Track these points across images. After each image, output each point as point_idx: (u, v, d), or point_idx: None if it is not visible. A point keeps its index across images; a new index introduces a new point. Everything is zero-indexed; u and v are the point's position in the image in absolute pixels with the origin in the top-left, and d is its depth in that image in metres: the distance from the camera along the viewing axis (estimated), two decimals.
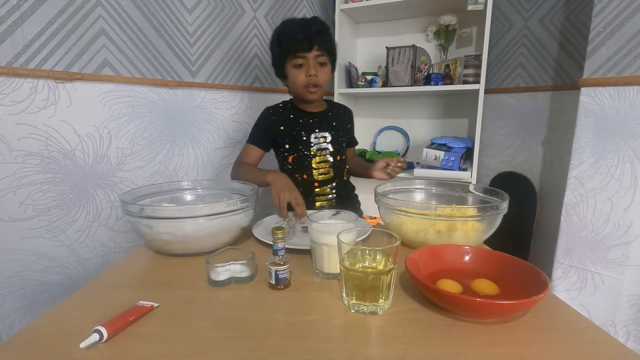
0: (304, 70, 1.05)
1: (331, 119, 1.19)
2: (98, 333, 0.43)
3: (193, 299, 0.56)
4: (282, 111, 1.17)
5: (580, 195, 1.18)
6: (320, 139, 1.15)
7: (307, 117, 1.16)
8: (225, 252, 0.65)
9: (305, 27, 1.03)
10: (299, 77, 1.06)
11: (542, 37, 1.59)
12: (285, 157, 1.16)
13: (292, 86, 1.11)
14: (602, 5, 1.08)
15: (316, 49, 1.03)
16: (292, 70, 1.07)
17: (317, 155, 1.14)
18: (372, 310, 0.51)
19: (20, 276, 1.05)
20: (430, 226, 0.74)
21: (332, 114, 1.22)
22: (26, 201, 1.03)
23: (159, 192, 0.86)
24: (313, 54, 1.03)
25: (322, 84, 1.08)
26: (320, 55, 1.05)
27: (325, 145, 1.15)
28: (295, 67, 1.06)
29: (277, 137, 1.15)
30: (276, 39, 1.08)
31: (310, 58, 1.04)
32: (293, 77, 1.07)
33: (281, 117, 1.15)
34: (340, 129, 1.20)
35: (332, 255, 0.60)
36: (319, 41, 1.03)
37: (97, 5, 1.11)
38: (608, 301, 1.17)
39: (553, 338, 0.46)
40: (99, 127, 1.16)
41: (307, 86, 1.07)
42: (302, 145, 1.13)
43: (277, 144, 1.17)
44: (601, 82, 1.10)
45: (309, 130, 1.14)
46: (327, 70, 1.09)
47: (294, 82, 1.08)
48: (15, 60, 0.98)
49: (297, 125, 1.14)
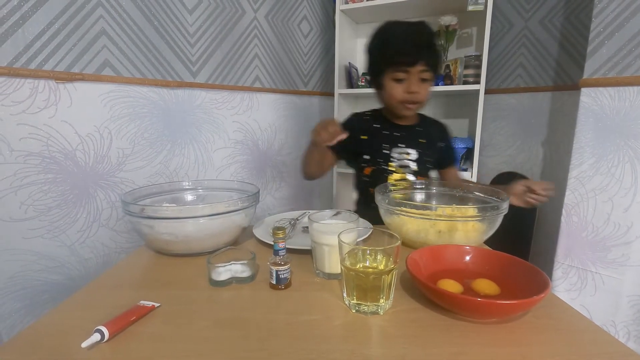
0: (403, 86, 0.96)
1: (419, 135, 1.08)
2: (99, 333, 0.43)
3: (194, 299, 0.56)
4: (368, 120, 1.10)
5: (580, 195, 1.18)
6: (403, 155, 1.05)
7: (393, 129, 1.07)
8: (226, 252, 0.65)
9: (414, 37, 0.92)
10: (397, 92, 0.97)
11: (542, 37, 1.59)
12: (362, 169, 1.09)
13: (388, 99, 1.02)
14: (602, 6, 1.08)
15: (421, 64, 0.93)
16: (390, 83, 0.97)
17: (397, 172, 1.05)
18: (373, 310, 0.51)
19: (21, 276, 1.05)
20: (431, 226, 0.74)
21: (422, 129, 1.10)
22: (27, 201, 1.03)
23: (160, 192, 0.86)
24: (417, 69, 0.93)
25: (422, 101, 0.99)
26: (424, 71, 0.94)
27: (407, 163, 1.05)
28: (395, 80, 0.96)
29: (357, 146, 1.08)
30: (378, 44, 0.98)
31: (413, 73, 0.94)
32: (390, 91, 0.98)
33: (365, 126, 1.09)
34: (428, 147, 1.08)
35: (333, 255, 0.60)
36: (427, 56, 0.92)
37: (98, 6, 1.11)
38: (608, 301, 1.17)
39: (553, 338, 0.46)
40: (100, 127, 1.16)
41: (404, 102, 0.98)
42: (382, 159, 1.06)
43: (356, 153, 1.10)
44: (601, 82, 1.10)
45: (392, 144, 1.06)
46: (428, 87, 0.98)
47: (391, 95, 0.99)
48: (16, 61, 0.98)
49: (381, 137, 1.07)
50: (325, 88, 2.02)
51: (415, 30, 0.94)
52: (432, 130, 1.12)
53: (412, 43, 0.92)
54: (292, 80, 1.81)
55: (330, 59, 1.98)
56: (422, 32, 0.94)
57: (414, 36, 0.93)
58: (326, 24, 1.95)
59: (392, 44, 0.94)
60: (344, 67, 1.88)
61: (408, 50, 0.92)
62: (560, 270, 1.25)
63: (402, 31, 0.95)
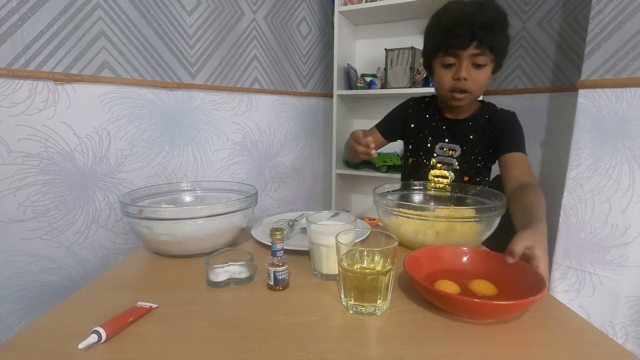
0: (452, 71, 0.86)
1: (469, 131, 0.97)
2: (97, 334, 0.43)
3: (192, 300, 0.56)
4: (422, 107, 1.04)
5: (578, 196, 1.18)
6: (447, 152, 0.97)
7: (441, 122, 0.99)
8: (224, 253, 0.66)
9: (470, 16, 0.79)
10: (445, 79, 0.87)
11: (540, 39, 1.60)
12: (407, 157, 1.07)
13: (437, 88, 0.93)
14: (600, 8, 1.08)
15: (475, 47, 0.81)
16: (439, 69, 0.88)
17: (435, 168, 0.99)
18: (371, 311, 0.51)
19: (20, 277, 1.04)
20: (429, 227, 0.74)
21: (474, 123, 0.97)
22: (25, 202, 1.03)
23: (158, 193, 0.86)
24: (469, 53, 0.82)
25: (473, 90, 0.87)
26: (478, 55, 0.82)
27: (450, 160, 0.97)
28: (444, 66, 0.87)
29: (405, 134, 1.05)
30: (431, 25, 0.89)
31: (464, 57, 0.83)
32: (439, 78, 0.89)
33: (417, 113, 1.03)
34: (477, 143, 0.96)
35: (331, 256, 0.60)
36: (482, 36, 0.80)
37: (97, 7, 1.11)
38: (607, 302, 1.17)
39: (551, 339, 0.46)
40: (98, 128, 1.16)
41: (453, 90, 0.88)
42: (423, 152, 1.00)
43: (406, 140, 1.07)
44: (599, 83, 1.11)
45: (437, 138, 0.99)
46: (484, 73, 0.86)
47: (439, 83, 0.90)
48: (15, 62, 0.98)
49: (427, 129, 1.00)
50: (324, 89, 2.02)
51: (474, 8, 0.81)
52: (490, 122, 0.97)
53: (464, 22, 0.79)
54: (291, 81, 1.81)
55: (329, 60, 1.99)
56: (482, 9, 0.80)
57: (470, 15, 0.80)
58: (325, 25, 1.95)
59: (445, 25, 0.83)
60: (343, 69, 1.89)
61: (458, 30, 0.80)
62: (559, 271, 1.25)
63: (457, 9, 0.83)
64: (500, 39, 0.84)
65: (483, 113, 0.99)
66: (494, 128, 0.96)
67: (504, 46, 0.85)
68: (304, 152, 1.94)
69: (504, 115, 0.99)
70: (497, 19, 0.81)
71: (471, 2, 0.83)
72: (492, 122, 0.97)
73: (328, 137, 2.06)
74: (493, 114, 0.99)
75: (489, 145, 0.97)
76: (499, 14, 0.82)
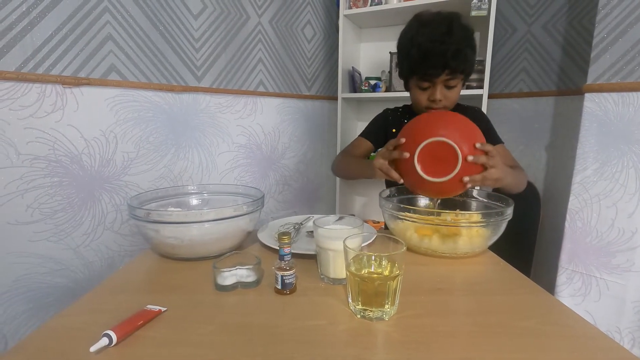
0: (428, 93, 0.93)
1: None
2: (107, 337, 0.43)
3: (200, 304, 0.56)
4: (399, 114, 1.10)
5: (584, 200, 1.18)
6: None
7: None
8: (232, 256, 0.66)
9: (441, 45, 0.83)
10: (421, 99, 0.94)
11: (545, 42, 1.59)
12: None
13: (413, 102, 1.00)
14: (606, 12, 1.08)
15: (447, 73, 0.87)
16: (415, 89, 0.95)
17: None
18: (378, 316, 0.51)
19: (27, 279, 1.05)
20: (435, 232, 0.74)
21: None
22: (33, 205, 1.04)
23: (165, 196, 0.87)
24: (442, 79, 0.88)
25: (448, 106, 0.95)
26: (451, 79, 0.89)
27: None
28: (420, 88, 0.93)
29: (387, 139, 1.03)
30: (403, 47, 0.93)
31: (438, 82, 0.89)
32: (415, 96, 0.96)
33: (396, 120, 1.07)
34: None
35: (338, 260, 0.60)
36: (454, 64, 0.85)
37: (105, 12, 1.13)
38: (613, 307, 1.17)
39: (558, 344, 0.46)
40: (105, 131, 1.17)
41: (429, 108, 0.94)
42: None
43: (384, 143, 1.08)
44: (605, 87, 1.10)
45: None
46: (456, 91, 0.93)
47: (416, 100, 0.97)
48: (24, 66, 0.99)
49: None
50: (329, 92, 2.02)
51: (442, 34, 0.84)
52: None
53: (436, 52, 0.84)
54: (296, 84, 1.82)
55: (333, 64, 1.99)
56: (450, 34, 0.84)
57: (438, 44, 0.83)
58: (330, 28, 1.96)
59: (416, 50, 0.87)
60: (347, 72, 1.89)
61: (431, 61, 0.85)
62: (564, 276, 1.24)
63: (427, 36, 0.85)
64: (470, 60, 0.89)
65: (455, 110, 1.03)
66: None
67: (473, 63, 0.91)
68: (308, 154, 1.95)
69: (473, 113, 1.05)
70: (466, 43, 0.86)
71: (440, 22, 0.86)
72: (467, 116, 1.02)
73: (332, 140, 2.06)
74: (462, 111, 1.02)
75: None
76: (467, 36, 0.86)
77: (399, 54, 0.97)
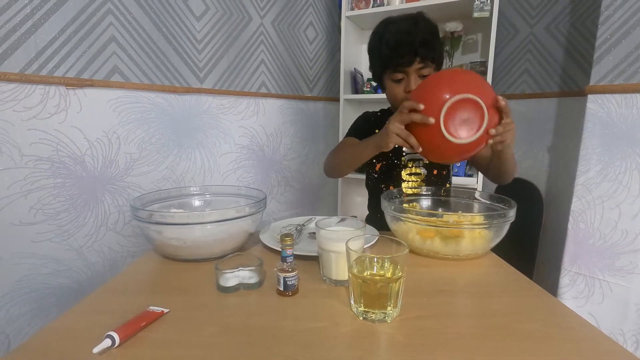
0: (403, 85, 0.93)
1: None
2: (110, 338, 0.43)
3: (202, 305, 0.56)
4: (380, 117, 1.09)
5: (587, 202, 1.17)
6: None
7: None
8: (234, 258, 0.66)
9: (408, 35, 0.87)
10: (397, 92, 0.94)
11: (548, 43, 1.59)
12: (373, 165, 1.08)
13: (391, 100, 1.00)
14: (609, 13, 1.08)
15: (418, 62, 0.89)
16: (390, 83, 0.95)
17: (407, 166, 1.02)
18: (381, 317, 0.51)
19: (29, 279, 1.06)
20: (437, 233, 0.74)
21: None
22: (36, 205, 1.04)
23: (168, 197, 0.87)
24: (414, 68, 0.90)
25: None
26: (423, 68, 0.90)
27: (418, 156, 1.02)
28: (394, 81, 0.94)
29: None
30: (374, 46, 0.96)
31: (411, 72, 0.90)
32: (391, 91, 0.96)
33: (378, 122, 1.06)
34: None
35: (340, 262, 0.60)
36: (423, 52, 0.88)
37: (108, 14, 1.13)
38: (616, 309, 1.16)
39: (562, 347, 0.46)
40: (108, 132, 1.18)
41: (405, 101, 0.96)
42: (392, 153, 1.02)
43: None
44: (608, 89, 1.10)
45: None
46: None
47: (392, 96, 0.97)
48: (28, 67, 1.00)
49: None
50: (331, 93, 2.02)
51: (408, 26, 0.89)
52: None
53: (405, 42, 0.87)
54: (298, 85, 1.82)
55: (335, 65, 2.00)
56: (416, 26, 0.88)
57: (406, 35, 0.87)
58: (332, 30, 1.96)
59: (385, 45, 0.90)
60: (350, 73, 1.89)
61: (401, 50, 0.88)
62: (567, 278, 1.24)
63: (394, 30, 0.90)
64: (438, 50, 0.92)
65: None
66: None
67: (441, 54, 0.95)
68: (310, 156, 1.95)
69: None
70: (432, 33, 0.90)
71: (406, 19, 0.91)
72: None
73: (334, 141, 2.06)
74: None
75: None
76: (432, 28, 0.92)
77: (370, 56, 1.00)
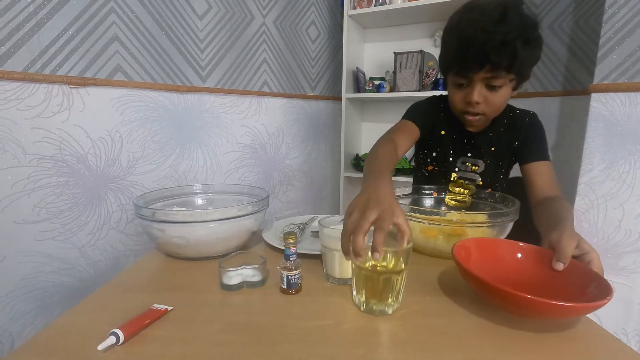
0: (463, 93, 0.78)
1: (490, 142, 0.89)
2: (115, 336, 0.44)
3: (206, 303, 0.56)
4: (444, 107, 0.91)
5: (590, 201, 1.17)
6: (469, 167, 0.90)
7: (462, 136, 0.90)
8: (237, 256, 0.66)
9: (482, 34, 0.68)
10: (456, 99, 0.80)
11: (551, 42, 1.59)
12: (425, 162, 0.98)
13: (450, 104, 0.85)
14: (613, 11, 1.08)
15: (488, 69, 0.71)
16: (451, 86, 0.81)
17: (457, 183, 0.92)
18: (382, 308, 0.52)
19: (33, 278, 1.06)
20: (440, 232, 0.74)
21: (494, 134, 0.89)
22: (39, 204, 1.05)
23: (171, 195, 0.87)
24: (481, 76, 0.73)
25: (487, 113, 0.79)
26: (493, 78, 0.73)
27: (472, 176, 0.91)
28: (455, 85, 0.79)
29: (434, 134, 0.92)
30: (444, 36, 0.79)
31: (476, 80, 0.74)
32: (451, 95, 0.82)
33: (441, 114, 0.91)
34: (500, 155, 0.90)
35: (343, 260, 0.60)
36: (498, 59, 0.69)
37: (111, 12, 1.13)
38: (620, 309, 1.16)
39: (565, 346, 0.46)
40: (111, 131, 1.18)
41: (464, 112, 0.81)
42: (446, 165, 0.93)
43: (425, 138, 0.92)
44: (612, 87, 1.10)
45: (458, 153, 0.91)
46: (501, 94, 0.76)
47: (452, 101, 0.82)
48: (31, 66, 1.00)
49: (450, 142, 0.91)
50: (333, 92, 2.03)
51: (487, 20, 0.68)
52: (512, 129, 0.88)
53: (476, 42, 0.69)
54: (300, 84, 1.82)
55: (337, 64, 1.99)
56: (498, 24, 0.68)
57: (480, 32, 0.68)
58: (334, 28, 1.96)
59: (454, 39, 0.74)
60: (352, 72, 1.89)
61: (469, 52, 0.70)
62: None
63: (468, 24, 0.71)
64: (522, 55, 0.69)
65: (501, 118, 0.88)
66: (516, 135, 0.89)
67: (527, 61, 0.73)
68: (312, 155, 1.95)
69: (526, 118, 0.89)
70: (518, 33, 0.68)
71: (492, 8, 0.69)
72: (514, 129, 0.89)
73: (336, 140, 2.06)
74: (512, 118, 0.90)
75: (512, 153, 0.91)
76: (523, 24, 0.69)
77: (441, 46, 0.83)
